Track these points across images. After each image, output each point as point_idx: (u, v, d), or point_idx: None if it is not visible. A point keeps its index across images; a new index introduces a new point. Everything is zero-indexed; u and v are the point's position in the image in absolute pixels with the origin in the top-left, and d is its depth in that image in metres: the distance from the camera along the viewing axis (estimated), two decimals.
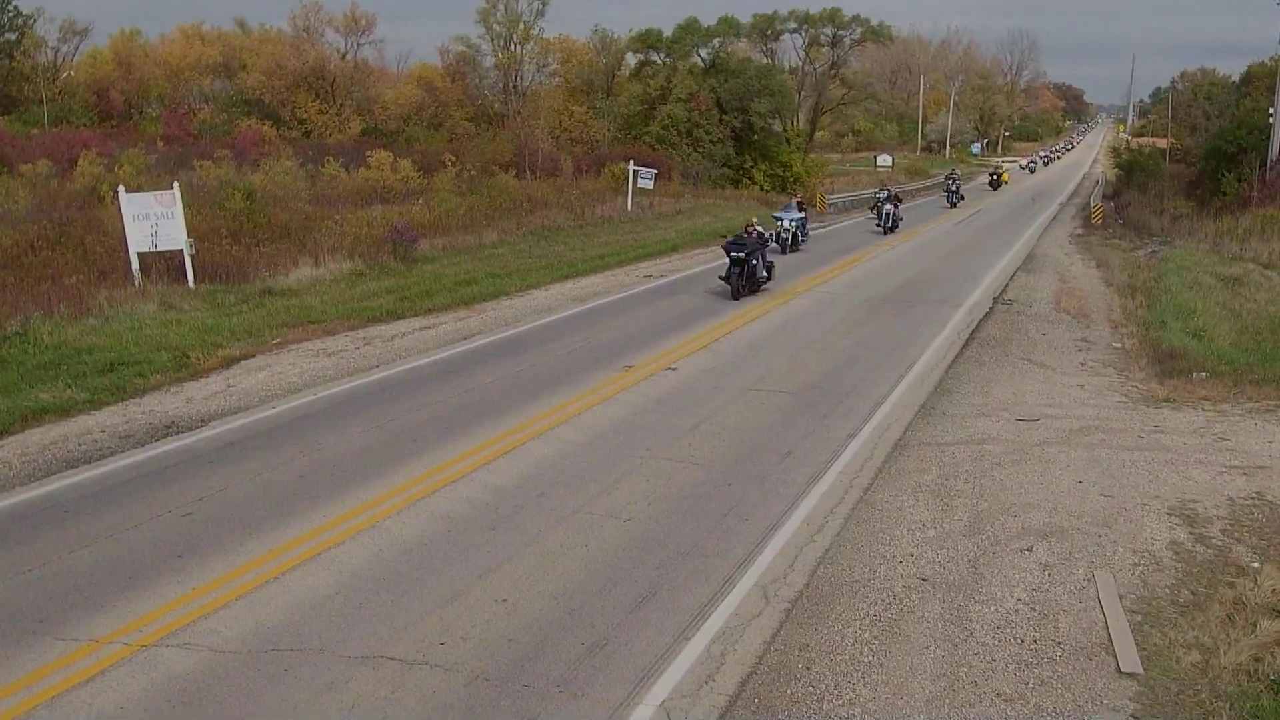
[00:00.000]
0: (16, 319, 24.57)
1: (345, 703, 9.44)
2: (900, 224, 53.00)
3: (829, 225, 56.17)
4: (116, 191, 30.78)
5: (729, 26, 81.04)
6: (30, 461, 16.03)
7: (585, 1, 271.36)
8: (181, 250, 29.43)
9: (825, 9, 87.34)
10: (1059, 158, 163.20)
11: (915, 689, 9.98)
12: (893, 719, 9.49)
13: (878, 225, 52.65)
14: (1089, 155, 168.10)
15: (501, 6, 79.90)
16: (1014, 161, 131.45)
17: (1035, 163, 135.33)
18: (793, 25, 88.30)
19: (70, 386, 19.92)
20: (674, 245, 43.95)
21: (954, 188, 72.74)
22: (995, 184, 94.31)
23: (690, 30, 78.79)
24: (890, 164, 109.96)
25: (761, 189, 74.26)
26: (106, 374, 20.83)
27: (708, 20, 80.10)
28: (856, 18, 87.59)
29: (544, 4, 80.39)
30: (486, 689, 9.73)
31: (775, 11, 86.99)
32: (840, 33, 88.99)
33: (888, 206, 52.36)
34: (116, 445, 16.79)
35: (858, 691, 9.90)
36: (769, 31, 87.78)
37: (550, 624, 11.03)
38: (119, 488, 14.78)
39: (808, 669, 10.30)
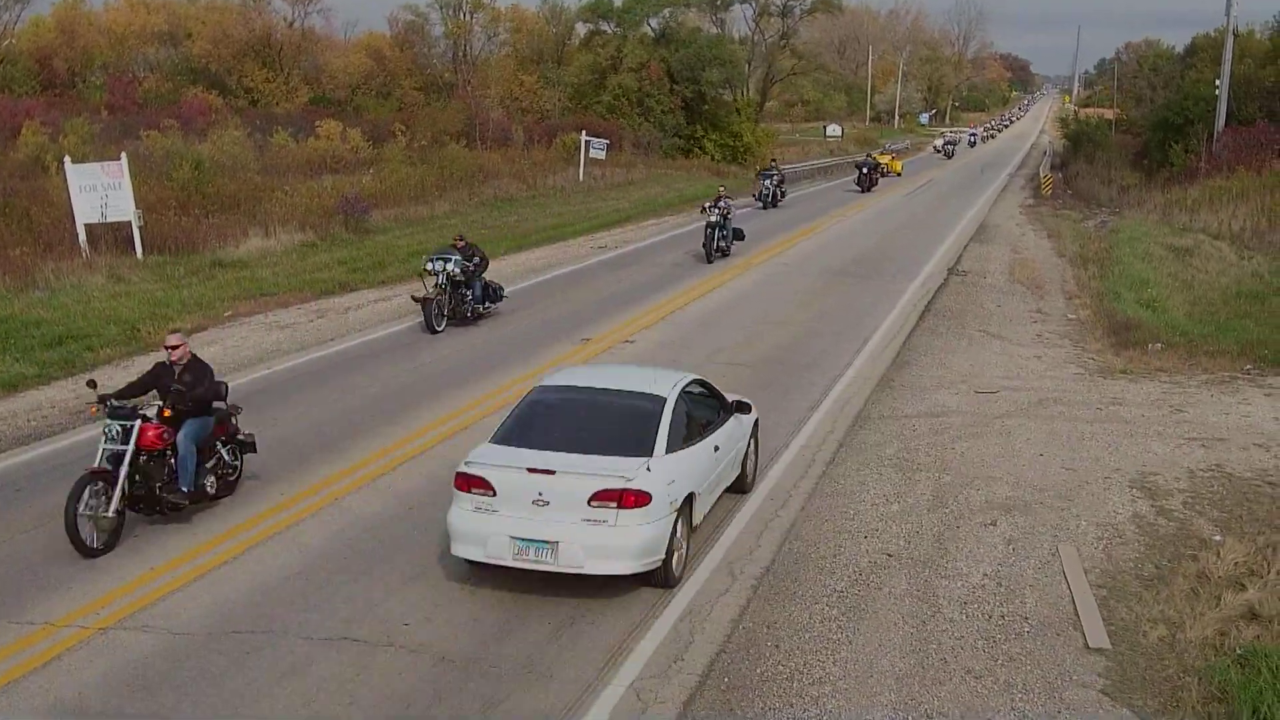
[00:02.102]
0: None
1: (309, 687, 9.23)
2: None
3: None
4: (62, 162, 30.17)
5: None
6: None
7: None
8: (130, 221, 28.96)
9: None
10: (990, 137, 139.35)
11: (885, 666, 9.90)
12: (863, 697, 9.40)
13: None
14: (1035, 126, 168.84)
15: None
16: (962, 132, 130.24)
17: (952, 145, 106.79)
18: None
19: (17, 361, 19.53)
20: (627, 216, 43.78)
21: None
22: (863, 182, 61.68)
23: (640, 0, 78.36)
24: (840, 134, 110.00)
25: (713, 159, 74.13)
26: (55, 348, 20.45)
27: None
28: None
29: None
30: (452, 671, 9.56)
31: None
32: (790, 3, 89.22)
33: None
34: (68, 421, 16.52)
35: (827, 669, 9.80)
36: (719, 1, 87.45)
37: (516, 603, 10.87)
38: (72, 465, 14.24)
39: (776, 647, 10.20)
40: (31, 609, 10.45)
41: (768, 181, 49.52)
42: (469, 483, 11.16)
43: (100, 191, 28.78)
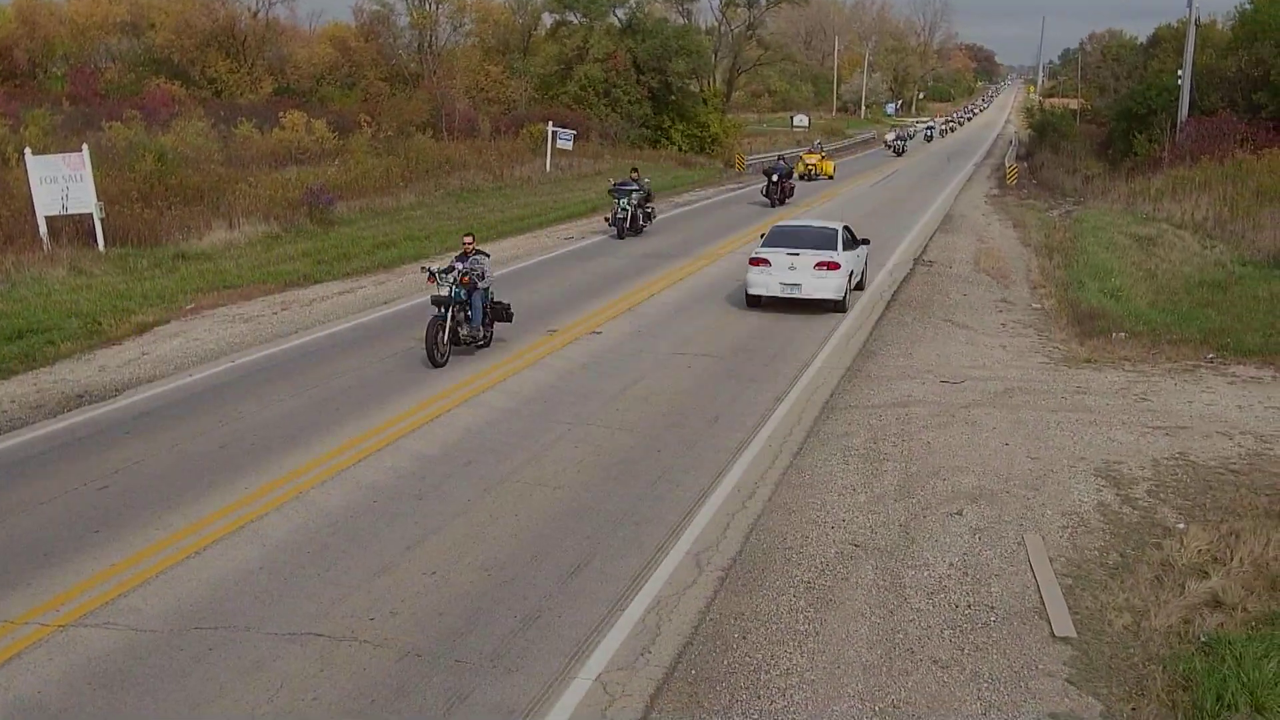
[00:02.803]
0: None
1: (273, 682, 9.14)
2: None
3: (748, 185, 55.85)
4: (22, 154, 29.86)
5: None
6: None
7: None
8: (91, 214, 28.71)
9: None
10: (951, 129, 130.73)
11: (852, 657, 9.89)
12: (830, 688, 9.38)
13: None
14: (1001, 116, 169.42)
15: None
16: (921, 123, 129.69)
17: (903, 140, 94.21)
18: None
19: None
20: (594, 206, 43.51)
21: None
22: (773, 193, 46.92)
23: None
24: (807, 124, 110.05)
25: (680, 149, 74.11)
26: (14, 341, 20.21)
27: None
28: None
29: None
30: (418, 665, 9.48)
31: None
32: None
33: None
34: (28, 416, 16.32)
35: (795, 660, 9.78)
36: None
37: (482, 596, 10.80)
38: (31, 460, 14.30)
39: (744, 638, 10.16)
40: None
41: (624, 201, 35.89)
42: (758, 261, 24.65)
43: (61, 184, 28.55)
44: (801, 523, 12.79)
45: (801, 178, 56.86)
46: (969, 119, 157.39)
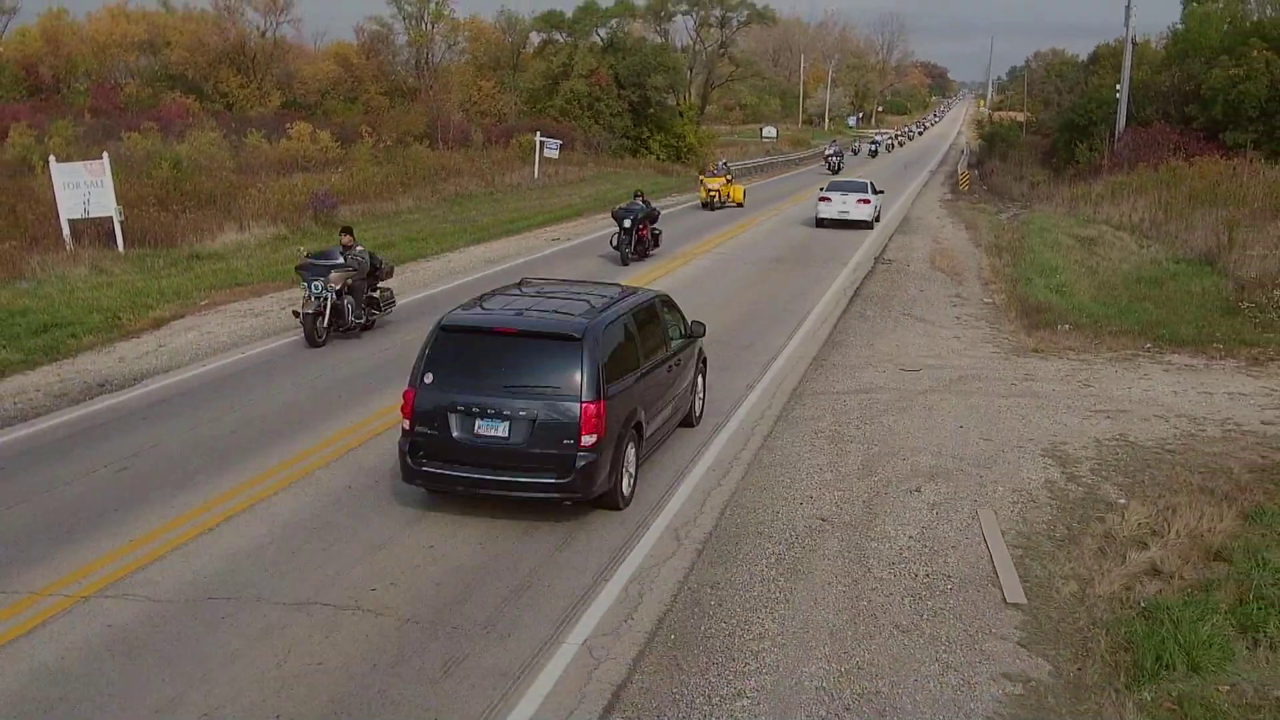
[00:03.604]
0: None
1: (281, 648, 9.05)
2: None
3: None
4: (47, 161, 29.63)
5: (625, 8, 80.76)
6: None
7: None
8: (111, 217, 28.54)
9: None
10: (900, 144, 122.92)
11: (820, 622, 9.85)
12: (800, 651, 9.34)
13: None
14: (953, 128, 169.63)
15: None
16: (867, 136, 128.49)
17: (838, 157, 78.15)
18: (684, 7, 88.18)
19: (4, 347, 19.09)
20: (578, 210, 43.58)
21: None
22: (623, 246, 30.70)
23: (589, 11, 78.26)
24: (775, 135, 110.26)
25: (658, 158, 74.22)
26: (40, 335, 20.03)
27: (606, 2, 79.77)
28: (743, 1, 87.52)
29: None
30: (417, 632, 9.41)
31: None
32: (728, 14, 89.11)
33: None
34: (51, 404, 16.14)
35: (766, 626, 9.74)
36: (662, 13, 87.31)
37: (476, 568, 10.72)
38: (55, 445, 14.15)
39: (720, 605, 10.12)
40: (15, 579, 10.17)
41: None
42: (821, 198, 40.80)
43: (83, 189, 28.37)
44: (772, 499, 12.76)
45: (703, 206, 45.90)
46: (921, 132, 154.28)
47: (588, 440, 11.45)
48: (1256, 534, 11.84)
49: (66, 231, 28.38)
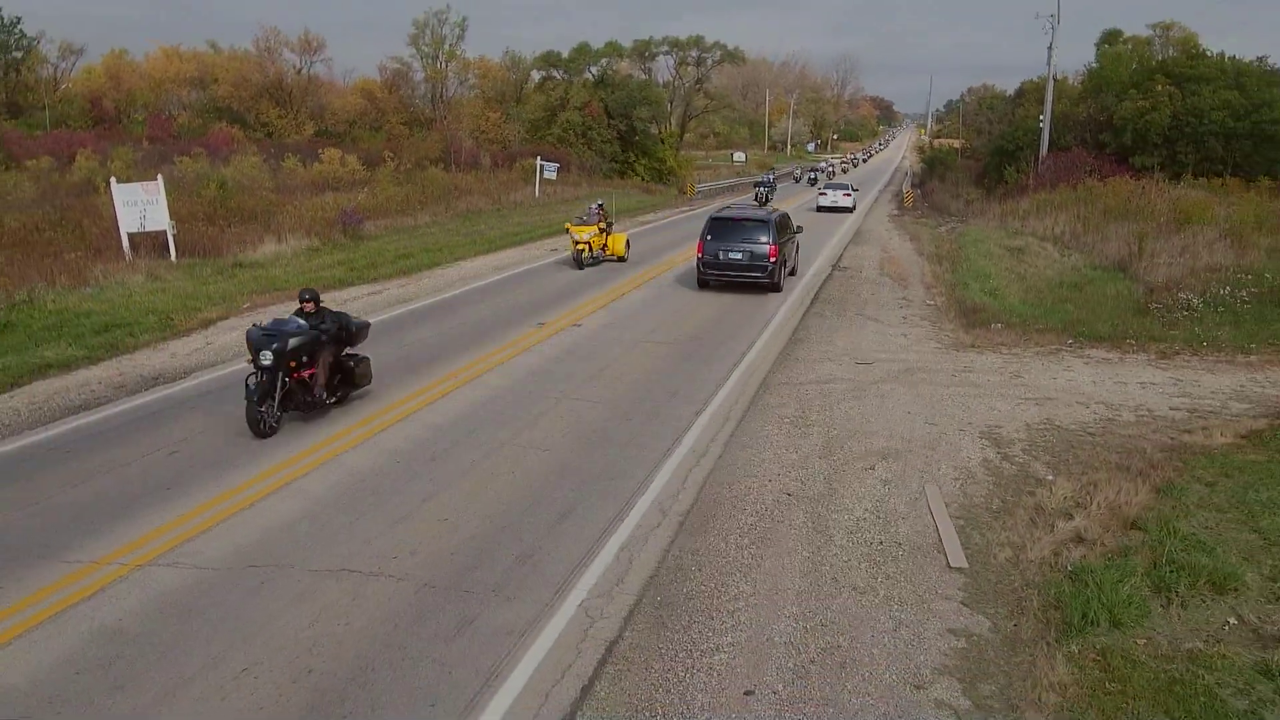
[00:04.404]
0: (23, 289, 23.28)
1: (314, 611, 8.89)
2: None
3: (697, 209, 55.39)
4: (110, 182, 29.32)
5: (614, 49, 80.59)
6: (37, 409, 15.04)
7: (501, 23, 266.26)
8: (165, 230, 28.24)
9: (691, 36, 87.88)
10: (844, 169, 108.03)
11: (787, 585, 9.72)
12: (770, 610, 9.21)
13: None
14: (898, 153, 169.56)
15: (429, 31, 78.25)
16: (828, 162, 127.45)
17: (767, 188, 58.60)
18: (665, 49, 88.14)
19: (71, 345, 18.81)
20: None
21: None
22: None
23: (583, 52, 78.05)
24: (744, 159, 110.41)
25: (643, 179, 74.07)
26: (102, 334, 19.76)
27: (597, 44, 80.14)
28: (716, 43, 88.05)
29: (463, 30, 79.59)
30: (433, 595, 9.25)
31: (651, 37, 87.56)
32: (703, 55, 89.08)
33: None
34: (111, 394, 15.88)
35: (740, 588, 9.60)
36: (646, 54, 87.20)
37: (486, 539, 10.56)
38: (114, 431, 13.92)
39: (699, 570, 9.98)
40: (77, 550, 9.98)
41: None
42: (823, 193, 56.39)
43: (140, 206, 28.05)
44: (744, 477, 12.60)
45: (575, 261, 30.02)
46: (866, 159, 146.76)
47: (772, 260, 25.21)
48: (1168, 506, 11.74)
49: (126, 243, 28.08)
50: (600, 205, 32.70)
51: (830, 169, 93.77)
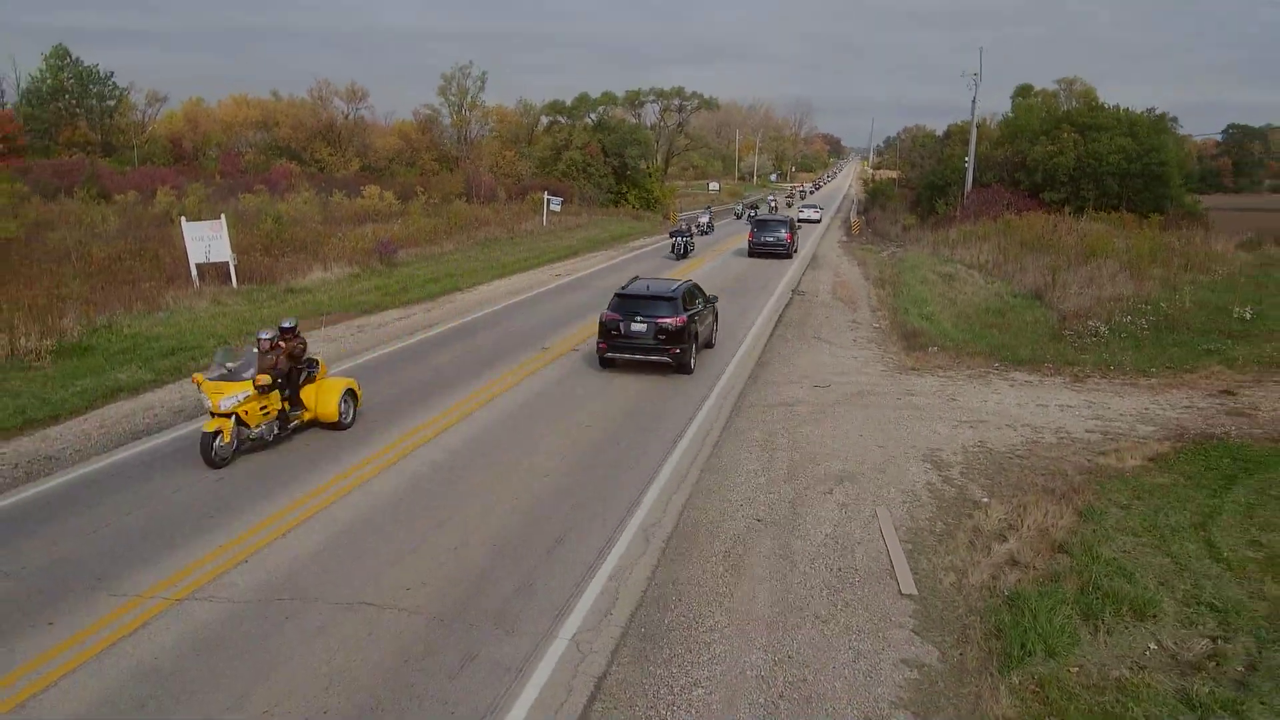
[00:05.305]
0: (105, 315, 22.44)
1: (332, 646, 8.15)
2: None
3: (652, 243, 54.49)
4: (180, 219, 28.47)
5: (609, 98, 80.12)
6: (106, 433, 14.23)
7: (515, 73, 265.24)
8: (228, 261, 27.39)
9: (674, 87, 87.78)
10: (788, 202, 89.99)
11: (758, 614, 9.01)
12: (742, 642, 8.51)
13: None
14: (846, 182, 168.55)
15: (455, 84, 77.42)
16: (772, 197, 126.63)
17: (684, 238, 39.90)
18: (652, 97, 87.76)
19: (141, 368, 18.01)
20: (575, 250, 42.46)
21: None
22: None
23: (583, 101, 77.42)
24: (718, 188, 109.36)
25: (633, 207, 73.01)
26: (169, 357, 18.95)
27: (595, 94, 79.28)
28: (695, 94, 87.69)
29: (483, 82, 78.68)
30: (441, 629, 8.51)
31: (640, 88, 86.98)
32: (684, 103, 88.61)
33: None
34: (171, 419, 15.06)
35: (716, 619, 8.89)
36: (636, 101, 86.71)
37: (489, 566, 9.82)
38: (170, 457, 13.09)
39: (679, 600, 9.26)
40: (125, 582, 9.21)
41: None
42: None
43: (206, 241, 27.24)
44: (719, 502, 11.86)
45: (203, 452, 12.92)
46: (815, 189, 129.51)
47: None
48: (1089, 530, 11.07)
49: (194, 273, 27.25)
50: (288, 329, 14.38)
51: (773, 203, 79.34)
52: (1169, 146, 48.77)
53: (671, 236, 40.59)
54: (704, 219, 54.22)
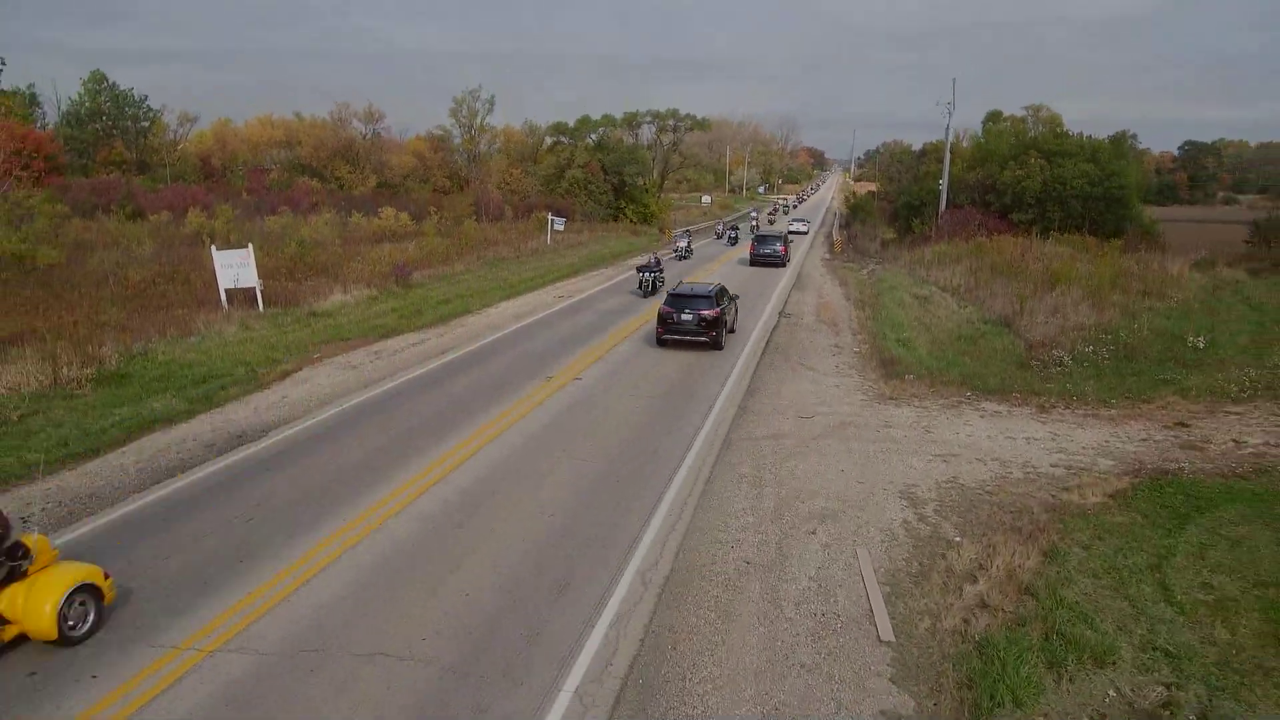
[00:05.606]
0: (141, 342, 22.41)
1: (353, 701, 8.19)
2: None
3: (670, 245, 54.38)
4: (212, 249, 28.41)
5: (609, 120, 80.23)
6: (143, 469, 14.21)
7: (521, 89, 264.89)
8: (254, 287, 27.37)
9: (668, 109, 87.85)
10: (771, 220, 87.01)
11: (747, 664, 9.05)
12: (733, 693, 8.56)
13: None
14: (829, 193, 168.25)
15: (465, 107, 77.42)
16: (781, 198, 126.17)
17: (650, 273, 34.21)
18: (649, 119, 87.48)
19: (175, 397, 18.01)
20: (577, 269, 42.37)
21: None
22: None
23: (585, 123, 77.47)
24: (710, 201, 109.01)
25: (631, 221, 72.93)
26: (200, 385, 18.93)
27: (595, 116, 79.62)
28: (688, 115, 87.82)
29: (492, 105, 78.90)
30: (454, 680, 8.55)
31: (637, 110, 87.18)
32: (678, 124, 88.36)
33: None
34: (202, 454, 15.00)
35: (709, 670, 8.93)
36: (634, 123, 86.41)
37: (499, 612, 9.85)
38: (202, 496, 13.06)
39: (675, 649, 9.30)
40: (162, 633, 9.23)
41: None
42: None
43: (235, 268, 27.23)
44: (710, 543, 11.85)
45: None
46: (798, 203, 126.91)
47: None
48: (1054, 571, 11.11)
49: (224, 298, 27.25)
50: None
51: (754, 221, 74.50)
52: (1129, 171, 48.77)
53: (639, 272, 34.23)
54: (681, 243, 49.18)
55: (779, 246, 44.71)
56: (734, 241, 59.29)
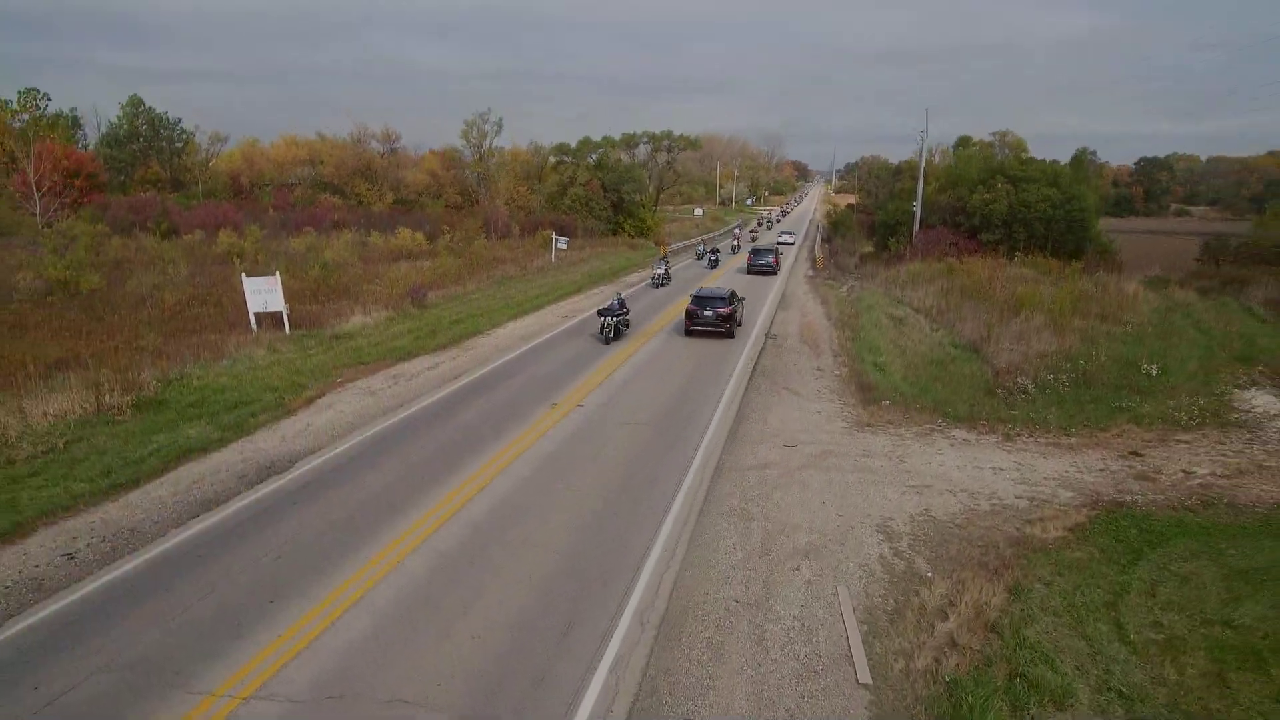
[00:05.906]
0: (177, 367, 22.41)
1: None
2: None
3: (673, 266, 53.88)
4: (243, 275, 28.43)
5: (608, 141, 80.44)
6: (179, 501, 14.23)
7: (527, 119, 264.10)
8: (281, 311, 27.37)
9: (663, 130, 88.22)
10: (754, 236, 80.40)
11: (738, 709, 9.13)
12: None
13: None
14: (812, 204, 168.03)
15: (474, 129, 77.47)
16: (765, 210, 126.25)
17: (612, 316, 28.11)
18: (645, 140, 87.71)
19: (209, 424, 17.97)
20: (579, 286, 42.18)
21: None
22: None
23: (586, 144, 77.56)
24: (702, 213, 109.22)
25: (629, 235, 72.98)
26: (232, 411, 18.90)
27: (596, 137, 79.78)
28: (683, 135, 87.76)
29: (500, 127, 79.23)
30: None
31: (634, 132, 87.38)
32: (672, 144, 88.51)
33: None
34: (235, 486, 14.97)
35: (702, 716, 9.00)
36: (631, 144, 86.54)
37: (508, 654, 9.91)
38: (236, 530, 13.06)
39: (670, 693, 9.37)
40: (200, 679, 9.28)
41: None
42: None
43: (263, 294, 27.31)
44: (703, 581, 11.87)
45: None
46: (781, 216, 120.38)
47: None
48: (1018, 609, 11.19)
49: (253, 321, 27.26)
50: None
51: (736, 238, 70.26)
52: (1088, 195, 48.85)
53: (600, 315, 28.35)
54: (659, 270, 43.07)
55: (771, 259, 49.91)
56: (714, 264, 52.32)
